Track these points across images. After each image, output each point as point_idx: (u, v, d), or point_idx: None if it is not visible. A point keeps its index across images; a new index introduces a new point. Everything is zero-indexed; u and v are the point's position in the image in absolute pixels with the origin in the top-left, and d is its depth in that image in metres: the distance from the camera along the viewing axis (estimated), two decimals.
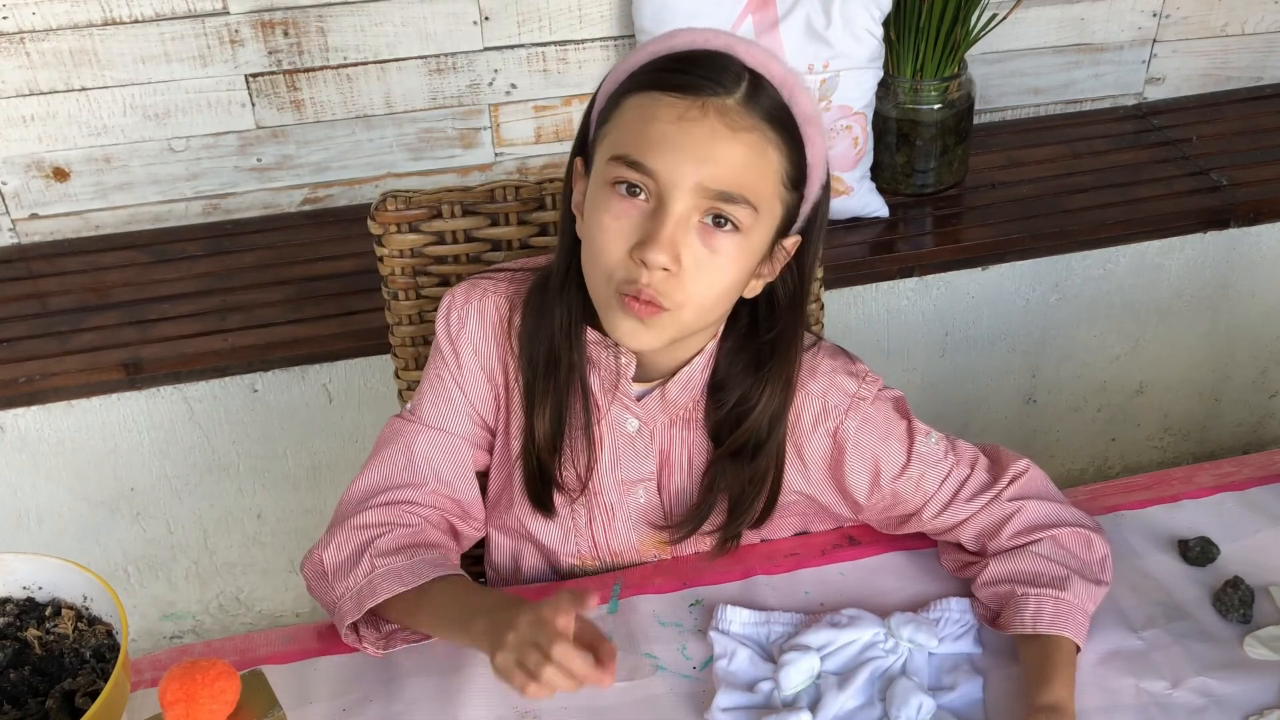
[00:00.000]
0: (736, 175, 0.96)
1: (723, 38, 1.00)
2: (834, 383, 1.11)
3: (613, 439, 1.13)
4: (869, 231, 2.01)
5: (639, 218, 0.97)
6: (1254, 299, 2.19)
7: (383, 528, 1.08)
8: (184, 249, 1.99)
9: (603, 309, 1.03)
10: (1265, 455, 1.30)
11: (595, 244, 1.00)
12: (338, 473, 1.96)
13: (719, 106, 0.96)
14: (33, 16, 1.82)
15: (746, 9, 1.89)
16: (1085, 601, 1.07)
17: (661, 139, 0.96)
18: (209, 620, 2.07)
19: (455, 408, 1.14)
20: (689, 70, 0.97)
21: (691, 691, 1.05)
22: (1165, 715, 1.02)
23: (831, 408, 1.11)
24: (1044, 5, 2.17)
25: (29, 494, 1.86)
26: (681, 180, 0.96)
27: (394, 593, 1.03)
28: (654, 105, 0.97)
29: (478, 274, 1.16)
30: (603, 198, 0.99)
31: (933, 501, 1.13)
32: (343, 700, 1.05)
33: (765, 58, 0.99)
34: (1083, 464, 2.33)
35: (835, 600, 1.14)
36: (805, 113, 1.00)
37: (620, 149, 0.98)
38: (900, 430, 1.12)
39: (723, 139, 0.96)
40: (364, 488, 1.12)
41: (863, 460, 1.12)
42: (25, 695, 0.94)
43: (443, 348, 1.13)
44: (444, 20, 1.95)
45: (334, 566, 1.07)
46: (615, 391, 1.10)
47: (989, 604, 1.11)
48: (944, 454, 1.13)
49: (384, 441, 1.14)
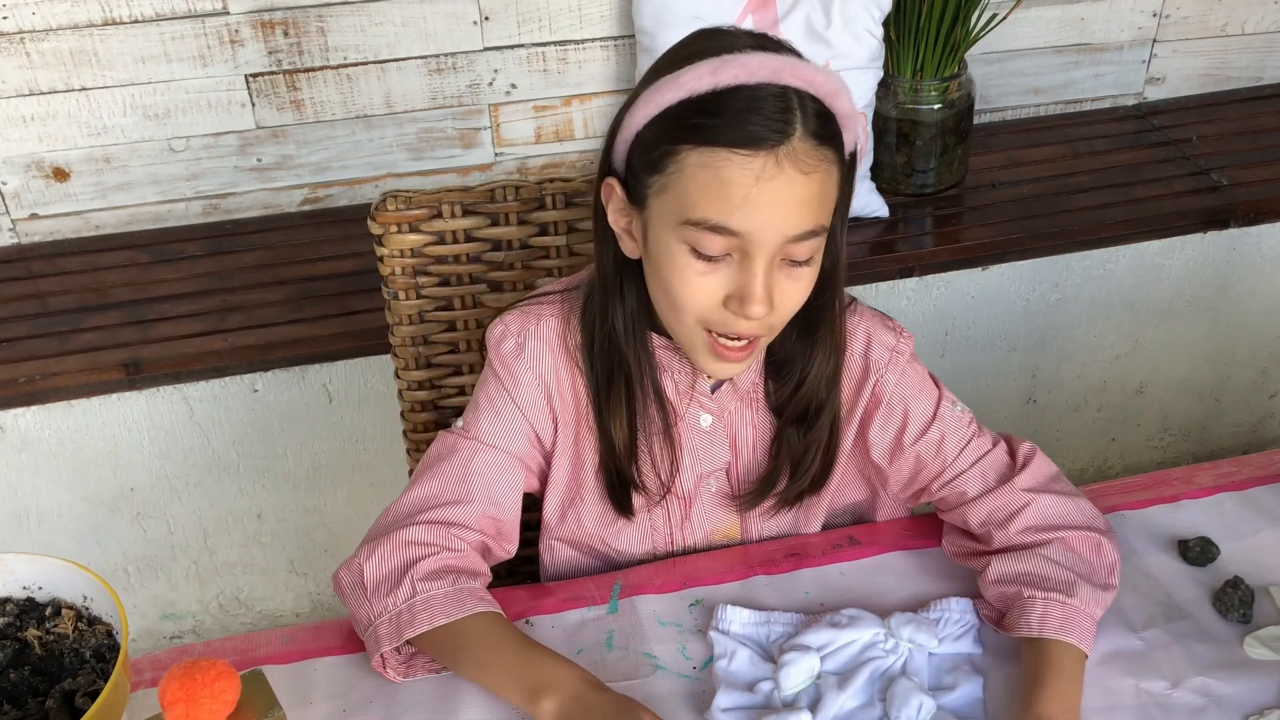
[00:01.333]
0: (814, 213, 0.98)
1: (767, 65, 0.96)
2: (875, 338, 1.14)
3: (689, 436, 1.15)
4: (869, 231, 2.01)
5: (725, 272, 0.99)
6: (1254, 299, 2.19)
7: (428, 548, 1.06)
8: (184, 249, 1.99)
9: (690, 349, 1.05)
10: (1265, 455, 1.30)
11: (682, 295, 1.01)
12: (338, 473, 1.96)
13: (789, 154, 0.95)
14: (33, 16, 1.82)
15: (746, 9, 1.89)
16: (1093, 607, 1.06)
17: (744, 202, 0.95)
18: (209, 620, 2.07)
19: (514, 428, 1.13)
20: (750, 121, 0.95)
21: (691, 691, 1.05)
22: (1165, 715, 1.02)
23: (874, 362, 1.14)
24: (1044, 5, 2.17)
25: (29, 494, 1.86)
26: (769, 235, 0.96)
27: (434, 624, 1.02)
28: (725, 167, 0.95)
29: (522, 302, 1.16)
30: (681, 255, 0.99)
31: (950, 468, 1.15)
32: (343, 700, 1.05)
33: (807, 71, 0.97)
34: (1083, 464, 2.33)
35: (835, 600, 1.14)
36: (845, 112, 1.00)
37: (698, 214, 0.96)
38: (931, 392, 1.16)
39: (799, 185, 0.96)
40: (416, 500, 1.10)
41: (893, 414, 1.15)
42: (25, 695, 0.94)
43: (499, 371, 1.13)
44: (444, 20, 1.95)
45: (374, 581, 1.05)
46: (692, 393, 1.13)
47: (994, 602, 1.11)
48: (968, 423, 1.16)
49: (439, 456, 1.13)
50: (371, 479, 1.98)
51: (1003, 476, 1.14)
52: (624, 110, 1.02)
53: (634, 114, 1.00)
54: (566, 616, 1.13)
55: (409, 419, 1.38)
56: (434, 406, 1.38)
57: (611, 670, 1.07)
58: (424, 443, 1.39)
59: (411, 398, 1.37)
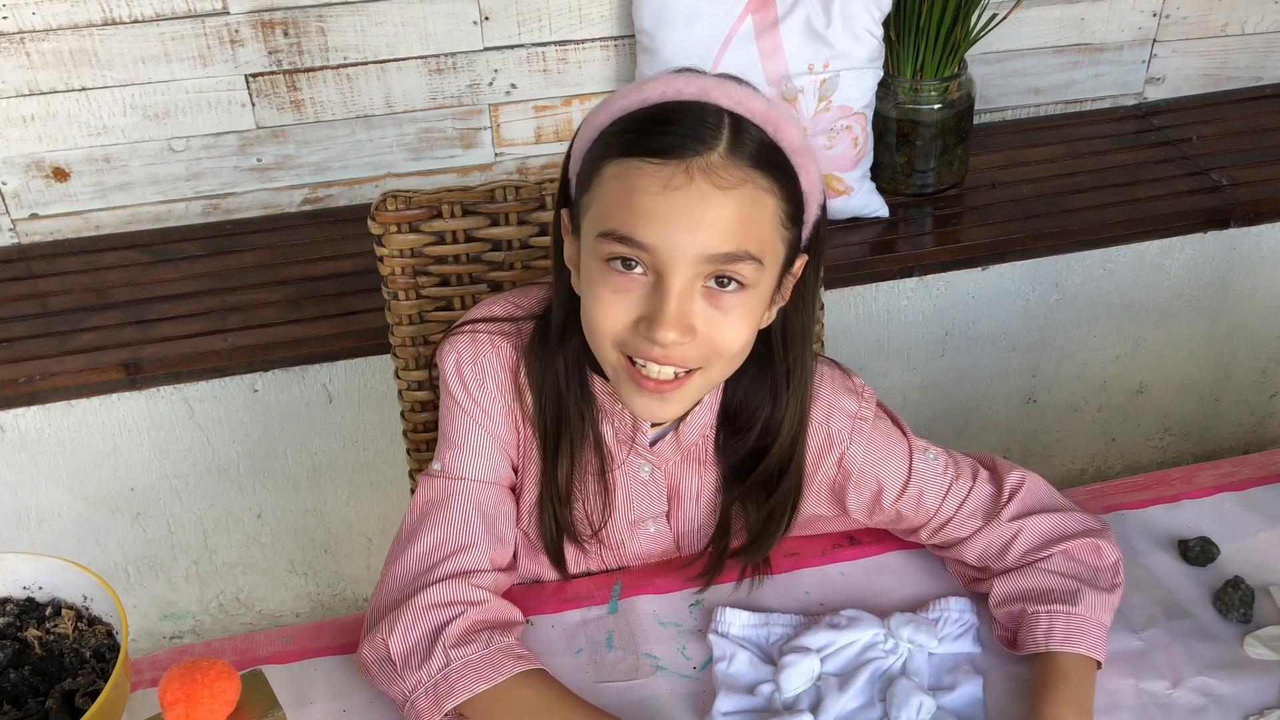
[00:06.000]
0: (735, 235, 0.91)
1: (696, 82, 0.94)
2: (836, 405, 1.09)
3: (625, 484, 1.11)
4: (869, 231, 2.01)
5: (640, 291, 0.93)
6: (1254, 299, 2.19)
7: (452, 608, 1.01)
8: (184, 249, 1.99)
9: (615, 380, 1.00)
10: (1265, 455, 1.30)
11: (595, 316, 0.95)
12: (338, 473, 1.96)
13: (703, 166, 0.90)
14: (33, 16, 1.82)
15: (746, 9, 1.89)
16: (1100, 613, 1.05)
17: (648, 211, 0.90)
18: (209, 620, 2.07)
19: (495, 458, 1.08)
20: (665, 131, 0.91)
21: (691, 692, 1.05)
22: (1165, 715, 1.02)
23: (836, 434, 1.09)
24: (1044, 5, 2.17)
25: (29, 494, 1.86)
26: (678, 253, 0.91)
27: (474, 692, 0.97)
28: (635, 175, 0.91)
29: (466, 325, 1.10)
30: (598, 272, 0.95)
31: (935, 518, 1.12)
32: (343, 700, 1.05)
33: (744, 94, 0.94)
34: (1083, 464, 2.33)
35: (835, 600, 1.14)
36: (793, 144, 0.95)
37: (607, 224, 0.93)
38: (901, 449, 1.11)
39: (714, 201, 0.90)
40: (423, 555, 1.04)
41: (865, 483, 1.11)
42: (25, 695, 0.94)
43: (463, 402, 1.08)
44: (444, 20, 1.95)
45: (403, 655, 0.99)
46: (632, 444, 1.08)
47: (1005, 624, 1.09)
48: (943, 469, 1.12)
49: (431, 504, 1.07)
50: (371, 479, 1.98)
51: (989, 513, 1.12)
52: (572, 140, 1.01)
53: (578, 141, 1.00)
54: (566, 616, 1.13)
55: (409, 419, 1.38)
56: (434, 406, 1.38)
57: (611, 670, 1.07)
58: (424, 443, 1.39)
59: (411, 398, 1.37)
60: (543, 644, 1.09)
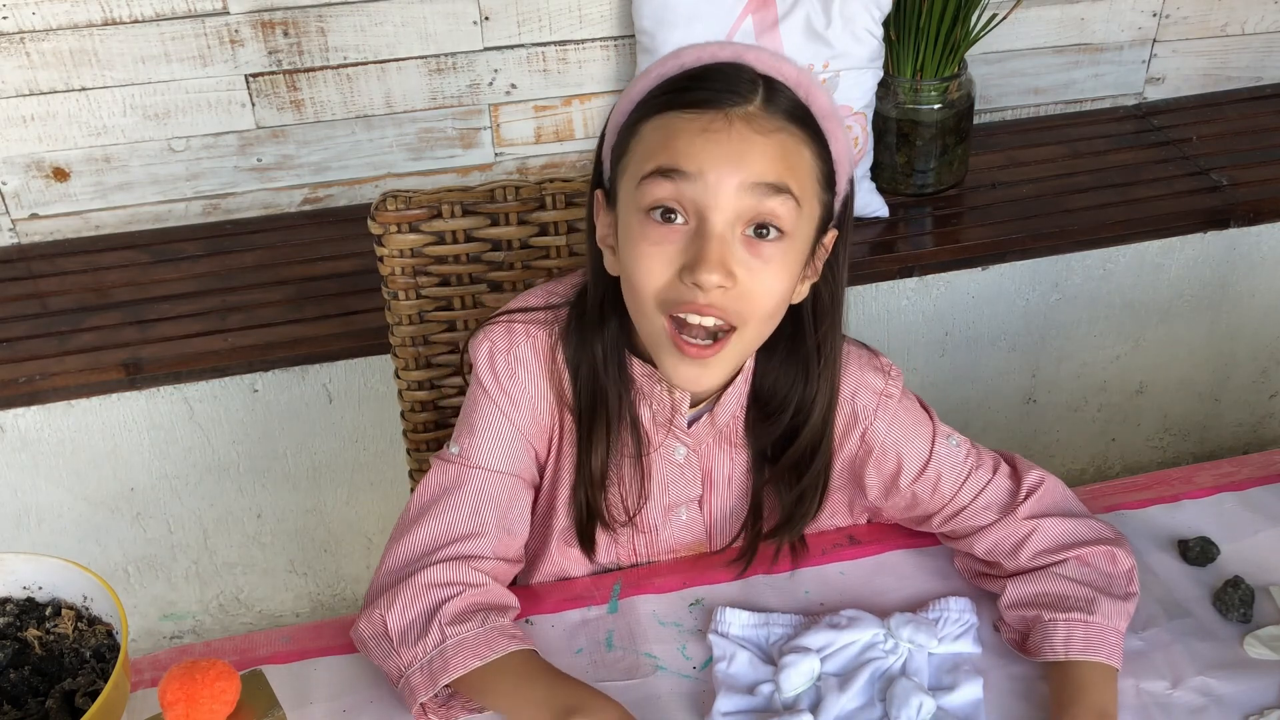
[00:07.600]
0: (776, 167, 0.94)
1: (729, 48, 0.98)
2: (862, 381, 1.11)
3: (660, 467, 1.12)
4: (869, 231, 2.01)
5: (681, 241, 0.95)
6: (1254, 299, 2.19)
7: (451, 588, 1.02)
8: (184, 249, 1.99)
9: (656, 349, 1.01)
10: (1265, 455, 1.30)
11: (637, 273, 0.97)
12: (338, 473, 1.96)
13: (742, 115, 0.94)
14: (33, 16, 1.82)
15: (746, 9, 1.89)
16: (1116, 621, 1.05)
17: (690, 147, 0.93)
18: (209, 620, 2.07)
19: (516, 449, 1.09)
20: (702, 86, 0.95)
21: (691, 692, 1.05)
22: (1165, 715, 1.02)
23: (861, 409, 1.11)
24: (1044, 5, 2.17)
25: (29, 494, 1.86)
26: (722, 184, 0.93)
27: (469, 668, 0.98)
28: (675, 123, 0.95)
29: (502, 315, 1.11)
30: (638, 226, 0.96)
31: (950, 505, 1.12)
32: (343, 700, 1.05)
33: (776, 61, 0.98)
34: (1083, 464, 2.33)
35: (835, 600, 1.14)
36: (824, 109, 0.98)
37: (648, 166, 0.95)
38: (925, 431, 1.12)
39: (755, 142, 0.94)
40: (428, 538, 1.05)
41: (885, 460, 1.12)
42: (25, 695, 0.94)
43: (491, 391, 1.08)
44: (444, 20, 1.95)
45: (399, 630, 1.01)
46: (670, 425, 1.09)
47: (1015, 626, 1.09)
48: (964, 456, 1.13)
49: (443, 489, 1.07)
50: (371, 479, 1.98)
51: (1005, 507, 1.12)
52: (605, 123, 1.03)
53: (613, 116, 1.02)
54: (567, 616, 1.13)
55: (409, 419, 1.38)
56: (434, 406, 1.38)
57: (611, 670, 1.07)
58: (424, 443, 1.39)
59: (411, 398, 1.37)
60: (543, 644, 1.09)
